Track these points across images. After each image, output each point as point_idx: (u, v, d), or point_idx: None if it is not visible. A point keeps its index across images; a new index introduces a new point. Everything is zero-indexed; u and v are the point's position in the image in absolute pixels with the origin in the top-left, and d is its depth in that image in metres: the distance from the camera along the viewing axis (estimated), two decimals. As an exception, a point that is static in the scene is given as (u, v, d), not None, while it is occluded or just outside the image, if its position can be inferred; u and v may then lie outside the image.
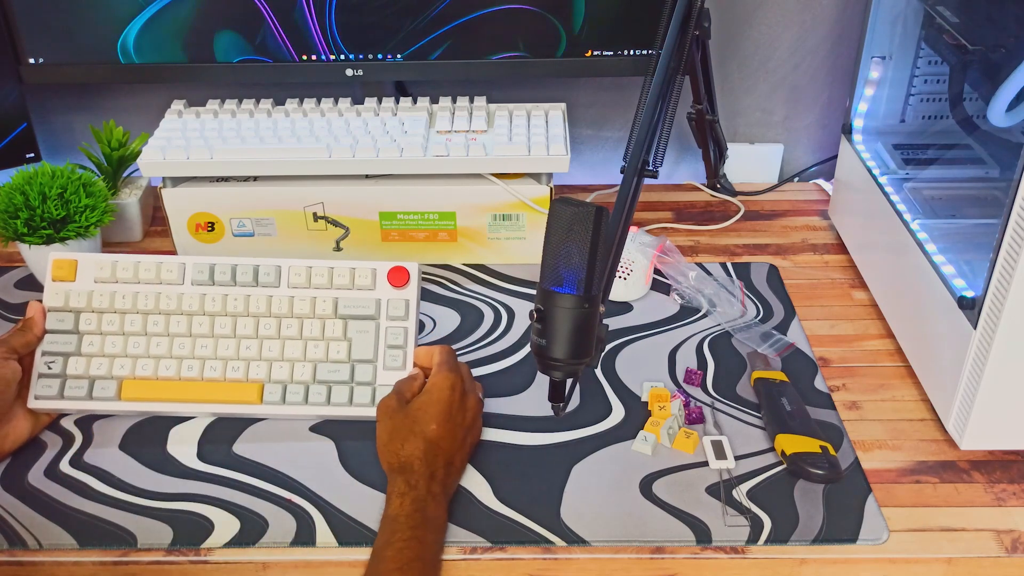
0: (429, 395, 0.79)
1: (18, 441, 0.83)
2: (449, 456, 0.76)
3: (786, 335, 0.96)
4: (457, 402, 0.79)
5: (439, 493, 0.74)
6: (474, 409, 0.81)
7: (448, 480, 0.76)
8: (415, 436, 0.76)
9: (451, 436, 0.77)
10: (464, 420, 0.79)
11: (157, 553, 0.75)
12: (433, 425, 0.76)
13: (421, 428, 0.76)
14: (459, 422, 0.78)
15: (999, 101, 0.81)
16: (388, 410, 0.78)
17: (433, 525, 0.72)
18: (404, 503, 0.72)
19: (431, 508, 0.72)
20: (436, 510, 0.73)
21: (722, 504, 0.78)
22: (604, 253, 0.70)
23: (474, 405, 0.81)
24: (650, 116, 0.75)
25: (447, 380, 0.80)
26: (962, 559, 0.74)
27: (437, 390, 0.79)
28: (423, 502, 0.72)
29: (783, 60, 1.20)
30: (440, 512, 0.74)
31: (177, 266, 0.88)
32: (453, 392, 0.79)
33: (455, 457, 0.77)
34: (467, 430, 0.79)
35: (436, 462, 0.75)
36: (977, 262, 0.81)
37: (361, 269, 0.88)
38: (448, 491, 0.76)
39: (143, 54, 1.06)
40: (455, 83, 1.20)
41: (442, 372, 0.80)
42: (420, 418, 0.77)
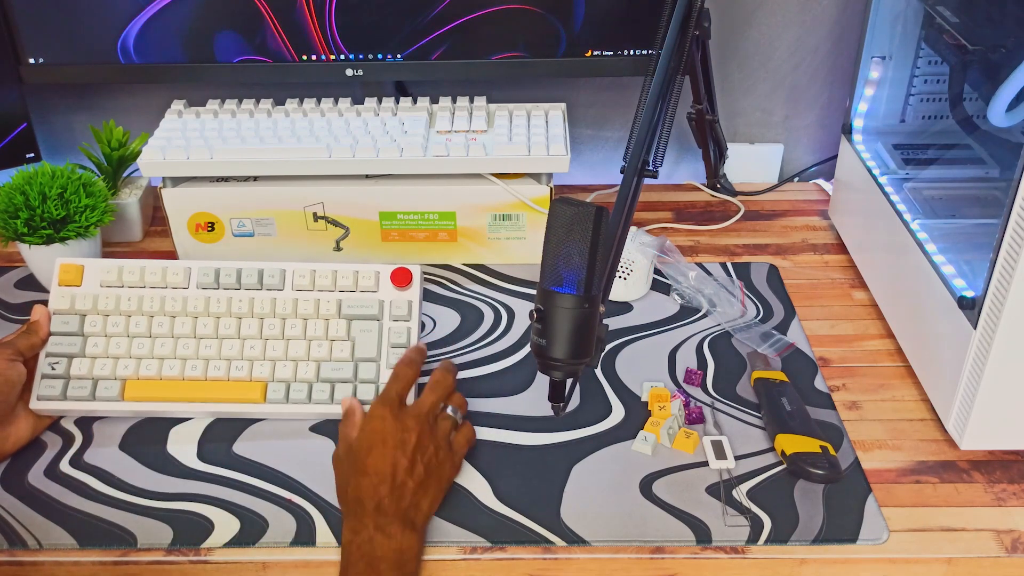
0: (362, 430, 0.76)
1: (20, 442, 0.83)
2: (397, 481, 0.73)
3: (786, 335, 0.96)
4: (390, 428, 0.75)
5: (389, 523, 0.71)
6: (417, 424, 0.76)
7: (401, 505, 0.72)
8: (356, 474, 0.74)
9: (391, 461, 0.73)
10: (406, 442, 0.75)
11: (157, 553, 0.75)
12: (368, 459, 0.73)
13: (359, 464, 0.74)
14: (395, 444, 0.74)
15: (999, 101, 0.81)
16: (336, 459, 0.77)
17: (388, 562, 0.70)
18: (351, 549, 0.70)
19: (381, 547, 0.70)
20: (388, 545, 0.70)
21: (722, 504, 0.78)
22: (604, 253, 0.70)
23: (416, 420, 0.76)
24: (650, 116, 0.75)
25: (374, 411, 0.77)
26: (962, 559, 0.75)
27: (367, 422, 0.76)
28: (370, 544, 0.70)
29: (783, 60, 1.20)
30: (394, 544, 0.70)
31: (183, 270, 0.88)
32: (383, 421, 0.75)
33: (407, 480, 0.73)
34: (414, 450, 0.74)
35: (379, 491, 0.72)
36: (977, 262, 0.81)
37: (364, 271, 0.89)
38: (407, 516, 0.72)
39: (143, 54, 1.06)
40: (455, 83, 1.20)
41: (373, 404, 0.78)
42: (357, 455, 0.75)
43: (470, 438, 0.82)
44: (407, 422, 0.76)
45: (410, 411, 0.78)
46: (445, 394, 0.81)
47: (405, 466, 0.74)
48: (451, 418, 0.80)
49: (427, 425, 0.77)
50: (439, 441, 0.77)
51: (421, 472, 0.74)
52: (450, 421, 0.80)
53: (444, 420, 0.80)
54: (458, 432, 0.81)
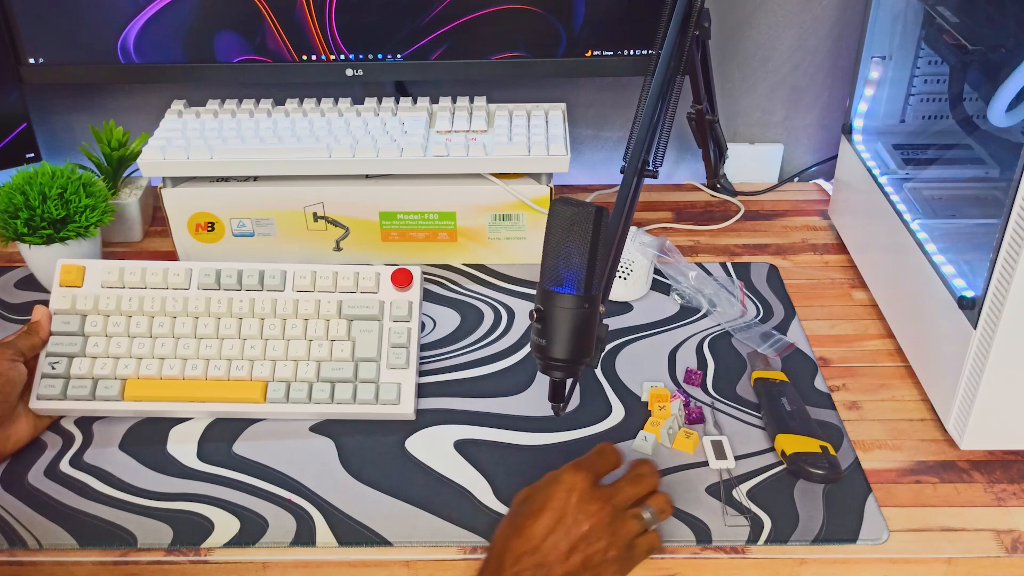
0: (545, 491, 0.69)
1: (20, 442, 0.83)
2: (545, 560, 0.66)
3: (786, 335, 0.96)
4: (572, 504, 0.68)
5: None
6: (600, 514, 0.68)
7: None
8: (513, 529, 0.68)
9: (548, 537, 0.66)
10: (578, 526, 0.67)
11: (157, 553, 0.75)
12: (530, 521, 0.67)
13: (519, 521, 0.68)
14: (566, 525, 0.67)
15: (999, 101, 0.81)
16: (517, 499, 0.71)
17: None
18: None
19: None
20: None
21: (722, 504, 0.78)
22: (604, 253, 0.70)
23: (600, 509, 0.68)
24: (650, 116, 0.75)
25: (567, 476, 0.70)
26: (962, 559, 0.75)
27: (555, 482, 0.70)
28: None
29: (783, 60, 1.20)
30: None
31: (184, 271, 0.88)
32: (569, 493, 0.68)
33: (555, 566, 0.66)
34: (580, 539, 0.67)
35: (522, 561, 0.66)
36: (977, 262, 0.81)
37: (365, 272, 0.89)
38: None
39: (143, 54, 1.06)
40: (455, 83, 1.20)
41: (569, 467, 0.70)
42: (527, 511, 0.68)
43: (654, 548, 0.72)
44: (592, 505, 0.68)
45: (600, 494, 0.69)
46: (648, 489, 0.73)
47: (563, 550, 0.66)
48: (643, 520, 0.71)
49: (610, 517, 0.69)
50: (617, 540, 0.68)
51: (577, 564, 0.66)
52: (640, 523, 0.70)
53: (634, 519, 0.70)
54: (643, 537, 0.71)
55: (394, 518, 0.77)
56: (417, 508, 0.78)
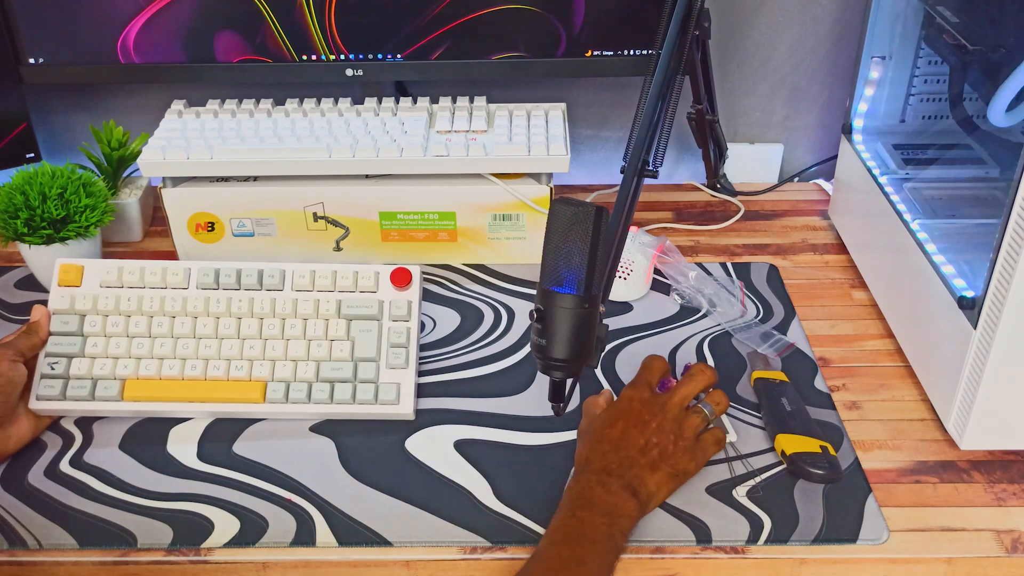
0: (609, 408, 0.79)
1: (21, 442, 0.83)
2: (626, 453, 0.75)
3: (786, 335, 0.96)
4: (636, 409, 0.77)
5: (611, 481, 0.73)
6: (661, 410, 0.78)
7: (626, 474, 0.74)
8: (592, 441, 0.77)
9: (625, 435, 0.76)
10: (647, 424, 0.76)
11: (157, 553, 0.75)
12: (605, 430, 0.76)
13: (597, 434, 0.77)
14: (638, 424, 0.76)
15: (999, 101, 0.81)
16: (579, 432, 0.81)
17: (601, 509, 0.71)
18: (571, 493, 0.73)
19: (598, 496, 0.72)
20: (605, 497, 0.72)
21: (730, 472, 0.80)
22: (604, 253, 0.70)
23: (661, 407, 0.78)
24: (650, 116, 0.75)
25: (624, 394, 0.80)
26: (962, 559, 0.74)
27: (616, 403, 0.79)
28: (589, 490, 0.72)
29: (783, 60, 1.20)
30: (612, 499, 0.72)
31: (182, 270, 0.88)
32: (630, 402, 0.78)
33: (637, 456, 0.75)
34: (651, 431, 0.76)
35: (607, 457, 0.74)
36: (977, 262, 0.81)
37: (364, 271, 0.89)
38: (631, 484, 0.73)
39: (143, 54, 1.06)
40: (455, 83, 1.20)
41: (626, 387, 0.80)
42: (599, 427, 0.77)
43: (720, 439, 0.81)
44: (652, 408, 0.78)
45: (658, 399, 0.79)
46: (701, 387, 0.81)
47: (640, 444, 0.75)
48: (703, 412, 0.80)
49: (672, 414, 0.78)
50: (683, 432, 0.78)
51: (655, 455, 0.75)
52: (700, 416, 0.80)
53: (695, 414, 0.80)
54: (708, 431, 0.80)
55: (394, 518, 0.77)
56: (417, 508, 0.78)
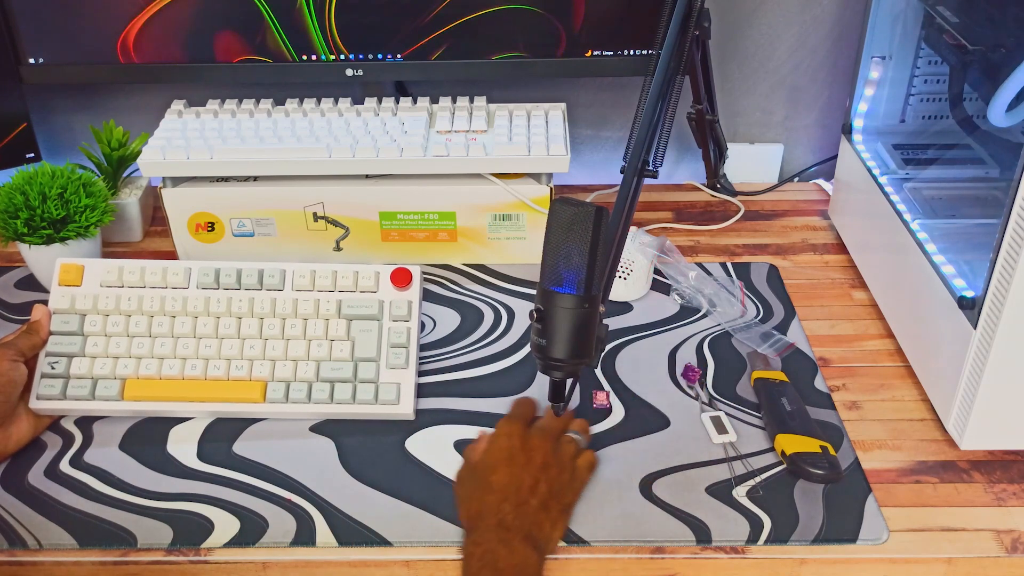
0: (488, 450, 0.77)
1: (21, 442, 0.83)
2: (520, 499, 0.72)
3: (786, 335, 0.96)
4: (518, 447, 0.76)
5: (512, 538, 0.70)
6: (543, 444, 0.76)
7: (524, 522, 0.71)
8: (480, 491, 0.74)
9: (516, 479, 0.73)
10: (532, 462, 0.75)
11: (157, 553, 0.75)
12: (493, 476, 0.74)
13: (484, 482, 0.74)
14: (520, 464, 0.74)
15: (999, 101, 0.81)
16: (460, 479, 0.78)
17: (511, 573, 0.69)
18: (472, 560, 0.69)
19: (503, 559, 0.69)
20: (510, 558, 0.69)
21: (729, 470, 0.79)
22: (604, 253, 0.70)
23: (541, 440, 0.77)
24: (650, 116, 0.75)
25: (501, 429, 0.78)
26: (962, 559, 0.74)
27: (493, 440, 0.77)
28: (492, 555, 0.69)
29: (783, 60, 1.20)
30: (517, 559, 0.69)
31: (183, 270, 0.88)
32: (510, 438, 0.76)
33: (529, 499, 0.72)
34: (538, 469, 0.74)
35: (503, 508, 0.72)
36: (977, 262, 0.81)
37: (364, 271, 0.89)
38: (530, 533, 0.71)
39: (143, 54, 1.06)
40: (455, 83, 1.20)
41: (500, 423, 0.79)
42: (483, 473, 0.75)
43: (593, 464, 0.80)
44: (533, 441, 0.76)
45: (536, 431, 0.78)
46: (566, 423, 0.81)
47: (529, 484, 0.73)
48: (574, 441, 0.79)
49: (552, 445, 0.77)
50: (563, 463, 0.77)
51: (544, 491, 0.73)
52: (574, 445, 0.79)
53: (568, 443, 0.79)
54: (581, 457, 0.79)
55: (394, 518, 0.77)
56: (417, 508, 0.78)
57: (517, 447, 0.76)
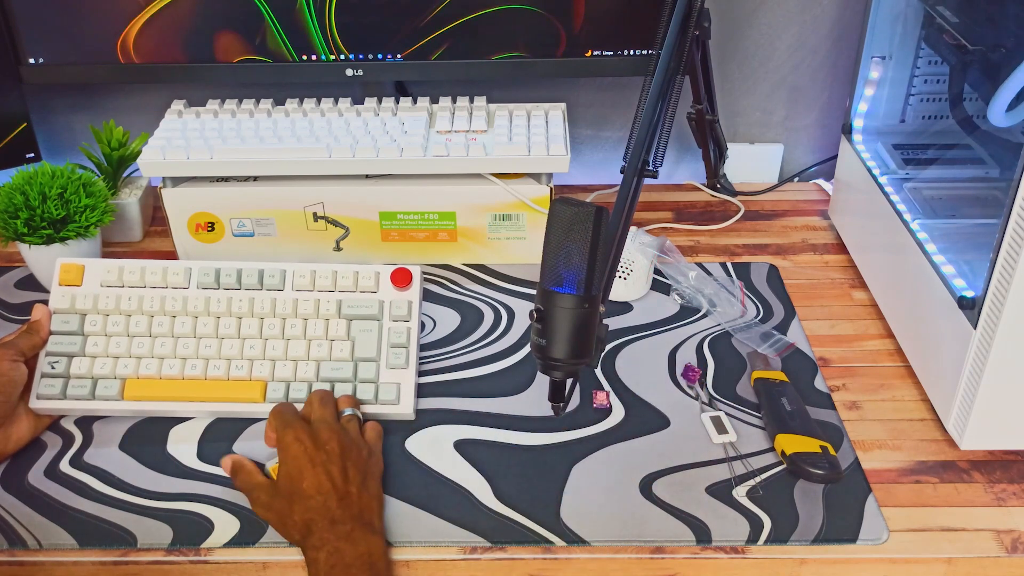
0: (283, 462, 0.76)
1: (21, 442, 0.83)
2: (340, 492, 0.73)
3: (786, 335, 0.96)
4: (310, 447, 0.75)
5: (350, 531, 0.71)
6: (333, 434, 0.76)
7: (353, 511, 0.72)
8: (297, 502, 0.73)
9: (325, 477, 0.73)
10: (331, 453, 0.75)
11: (157, 553, 0.75)
12: (303, 483, 0.73)
13: (296, 492, 0.73)
14: (323, 460, 0.74)
15: (999, 101, 0.81)
16: (265, 505, 0.75)
17: (359, 566, 0.69)
18: (318, 565, 0.69)
19: (348, 554, 0.70)
20: (354, 550, 0.70)
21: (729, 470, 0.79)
22: (604, 253, 0.70)
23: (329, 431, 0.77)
24: (650, 116, 0.75)
25: (284, 437, 0.76)
26: (962, 559, 0.75)
27: (284, 451, 0.76)
28: (337, 554, 0.70)
29: (783, 60, 1.20)
30: (361, 549, 0.70)
31: (183, 270, 0.88)
32: (300, 443, 0.75)
33: (348, 487, 0.73)
34: (341, 457, 0.75)
35: (329, 506, 0.72)
36: (977, 262, 0.81)
37: (364, 271, 0.89)
38: (363, 519, 0.72)
39: (143, 54, 1.06)
40: (455, 83, 1.20)
41: (279, 434, 0.77)
42: (290, 486, 0.74)
43: (379, 431, 0.82)
44: (323, 435, 0.76)
45: (319, 424, 0.78)
46: (334, 402, 0.82)
47: (340, 475, 0.74)
48: (355, 417, 0.81)
49: (340, 431, 0.78)
50: (357, 442, 0.78)
51: (356, 475, 0.75)
52: (355, 421, 0.81)
53: (350, 422, 0.80)
54: (366, 429, 0.81)
55: (394, 518, 0.77)
56: (417, 508, 0.78)
57: (311, 447, 0.75)
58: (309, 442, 0.76)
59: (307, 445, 0.75)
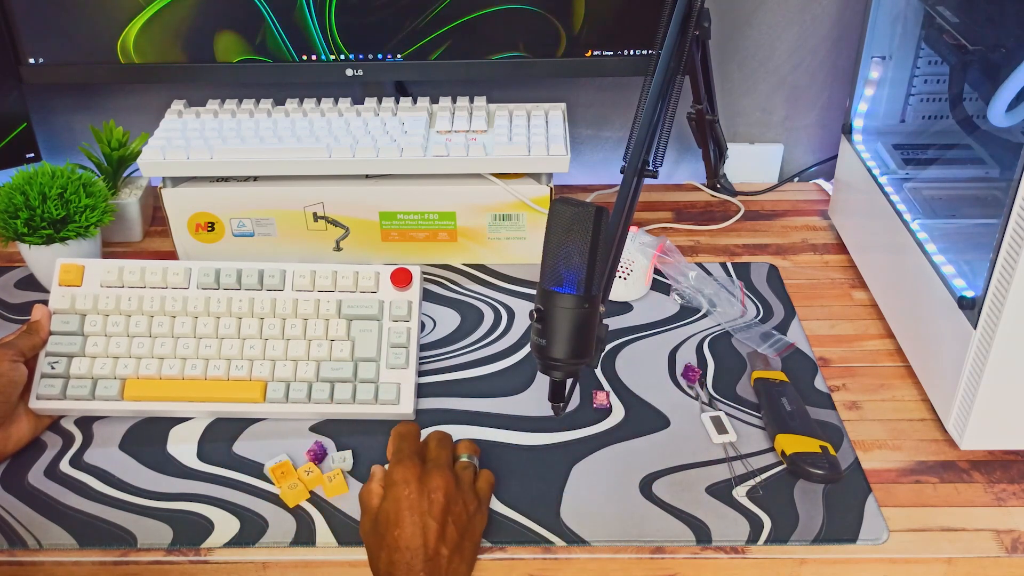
0: (386, 499, 0.72)
1: (21, 442, 0.83)
2: (430, 552, 0.68)
3: (786, 335, 0.96)
4: (415, 492, 0.71)
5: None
6: (443, 482, 0.72)
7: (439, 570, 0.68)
8: (386, 549, 0.69)
9: (421, 531, 0.69)
10: (434, 504, 0.70)
11: (157, 553, 0.75)
12: (397, 531, 0.69)
13: (389, 539, 0.69)
14: (423, 510, 0.70)
15: (999, 101, 0.81)
16: (363, 533, 0.73)
17: None
18: None
19: None
20: None
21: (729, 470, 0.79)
22: (604, 253, 0.70)
23: (440, 478, 0.72)
24: (650, 116, 0.75)
25: (395, 475, 0.72)
26: (962, 559, 0.75)
27: (390, 489, 0.72)
28: None
29: (783, 60, 1.20)
30: None
31: (183, 270, 0.88)
32: (407, 485, 0.71)
33: (440, 547, 0.69)
34: (443, 511, 0.70)
35: (414, 567, 0.67)
36: (977, 262, 0.81)
37: (364, 271, 0.89)
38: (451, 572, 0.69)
39: (143, 54, 1.06)
40: (455, 83, 1.20)
41: (390, 469, 0.74)
42: (385, 528, 0.70)
43: (492, 482, 0.78)
44: (432, 482, 0.72)
45: (432, 468, 0.73)
46: (452, 445, 0.78)
47: (436, 532, 0.69)
48: (471, 465, 0.77)
49: (452, 478, 0.73)
50: (466, 495, 0.73)
51: (454, 534, 0.70)
52: (470, 469, 0.76)
53: (465, 470, 0.76)
54: (479, 478, 0.77)
55: (394, 518, 0.77)
56: (417, 508, 0.78)
57: (415, 493, 0.71)
58: (415, 485, 0.71)
59: (412, 488, 0.71)
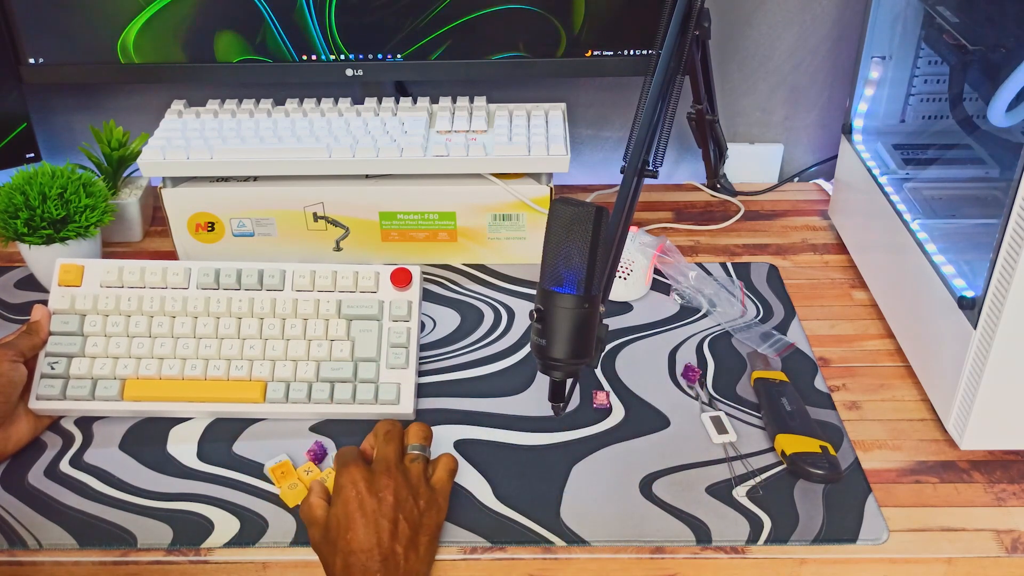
0: (335, 504, 0.71)
1: (20, 443, 0.83)
2: (385, 551, 0.68)
3: (786, 335, 0.96)
4: (364, 493, 0.70)
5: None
6: (390, 480, 0.71)
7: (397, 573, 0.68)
8: (339, 554, 0.69)
9: (372, 531, 0.69)
10: (384, 502, 0.70)
11: (157, 553, 0.75)
12: (349, 535, 0.69)
13: (341, 543, 0.69)
14: (373, 510, 0.70)
15: (999, 101, 0.81)
16: (316, 544, 0.72)
17: None
18: None
19: None
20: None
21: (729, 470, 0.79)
22: (604, 253, 0.70)
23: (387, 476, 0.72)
24: (650, 116, 0.75)
25: (341, 479, 0.72)
26: (962, 559, 0.75)
27: (338, 493, 0.72)
28: None
29: (783, 60, 1.20)
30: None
31: (183, 270, 0.88)
32: (355, 486, 0.71)
33: (394, 546, 0.69)
34: (394, 509, 0.70)
35: (370, 568, 0.67)
36: (977, 262, 0.81)
37: (364, 271, 0.89)
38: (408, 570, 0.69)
39: (143, 54, 1.06)
40: (455, 83, 1.20)
41: (336, 474, 0.74)
42: (337, 534, 0.70)
43: (451, 468, 0.77)
44: (380, 481, 0.72)
45: (378, 467, 0.73)
46: (400, 437, 0.77)
47: (389, 531, 0.69)
48: (420, 456, 0.76)
49: (400, 476, 0.72)
50: (416, 488, 0.73)
51: (407, 531, 0.70)
52: (420, 461, 0.75)
53: (415, 463, 0.75)
54: (435, 468, 0.76)
55: (394, 518, 0.77)
56: (417, 508, 0.78)
57: (364, 493, 0.70)
58: (364, 486, 0.71)
59: (360, 490, 0.71)
